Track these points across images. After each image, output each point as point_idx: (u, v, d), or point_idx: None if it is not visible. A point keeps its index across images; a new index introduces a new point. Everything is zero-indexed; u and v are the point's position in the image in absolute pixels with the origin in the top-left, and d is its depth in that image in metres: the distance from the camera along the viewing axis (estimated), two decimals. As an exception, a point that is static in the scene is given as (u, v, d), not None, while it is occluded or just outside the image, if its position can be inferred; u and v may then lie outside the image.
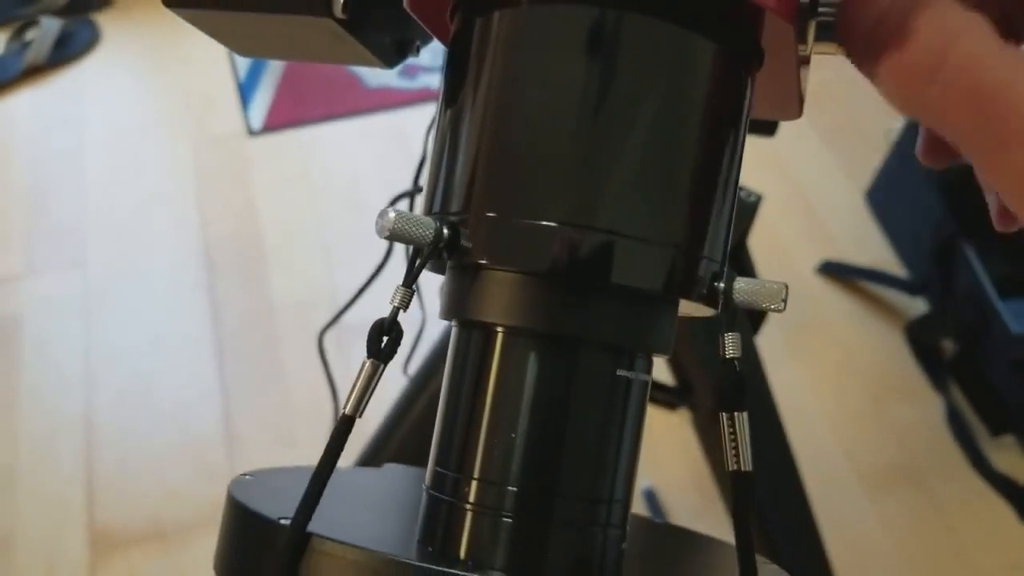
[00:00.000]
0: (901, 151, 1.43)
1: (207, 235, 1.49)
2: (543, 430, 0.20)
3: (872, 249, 1.47)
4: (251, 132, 1.65)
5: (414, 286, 0.21)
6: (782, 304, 0.21)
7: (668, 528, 0.29)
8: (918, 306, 1.38)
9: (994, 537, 1.17)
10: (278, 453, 1.22)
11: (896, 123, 1.49)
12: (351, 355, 1.21)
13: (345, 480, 0.26)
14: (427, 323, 0.90)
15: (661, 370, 0.80)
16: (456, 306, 0.22)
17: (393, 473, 0.30)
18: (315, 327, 0.91)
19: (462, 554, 0.21)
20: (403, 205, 0.74)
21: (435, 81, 1.71)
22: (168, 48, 1.80)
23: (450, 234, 0.20)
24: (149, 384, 1.31)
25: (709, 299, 0.21)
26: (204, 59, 1.78)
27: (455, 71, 0.22)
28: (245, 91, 1.72)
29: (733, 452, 0.21)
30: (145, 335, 1.37)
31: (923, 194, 1.35)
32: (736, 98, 0.21)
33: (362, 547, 0.19)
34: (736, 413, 0.21)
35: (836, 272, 1.41)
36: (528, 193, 0.20)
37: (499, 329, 0.21)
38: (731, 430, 0.21)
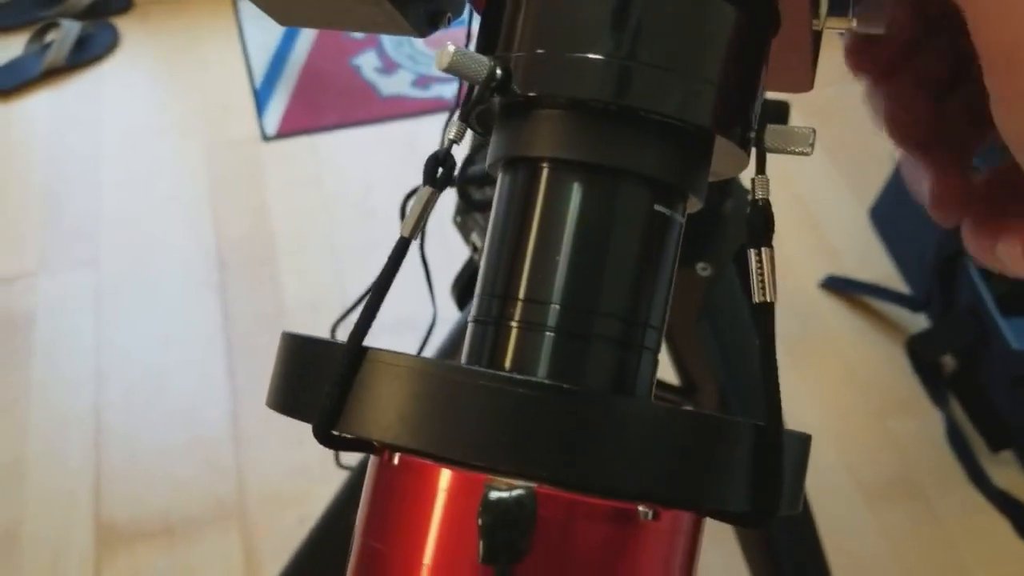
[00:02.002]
0: (906, 169, 1.44)
1: (219, 237, 1.51)
2: (585, 253, 0.22)
3: (875, 265, 1.48)
4: (265, 137, 1.67)
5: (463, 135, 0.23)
6: (810, 148, 0.23)
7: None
8: (920, 322, 1.39)
9: (993, 552, 1.18)
10: (286, 452, 1.24)
11: (902, 142, 1.51)
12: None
13: None
14: (437, 324, 0.92)
15: (667, 371, 0.81)
16: (505, 145, 0.23)
17: None
18: (324, 329, 0.92)
19: (507, 366, 0.22)
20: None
21: (447, 91, 1.73)
22: (186, 53, 1.83)
23: (503, 72, 0.22)
24: (158, 382, 1.32)
25: (743, 141, 0.23)
26: (221, 64, 1.80)
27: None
28: (261, 97, 1.75)
29: (760, 285, 0.22)
30: (155, 334, 1.38)
31: (926, 211, 1.36)
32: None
33: (416, 356, 0.20)
34: (764, 248, 0.22)
35: (839, 287, 1.43)
36: (575, 30, 0.21)
37: (544, 163, 0.22)
38: (759, 264, 0.22)
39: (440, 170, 0.23)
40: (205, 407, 1.29)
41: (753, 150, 0.24)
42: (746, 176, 0.24)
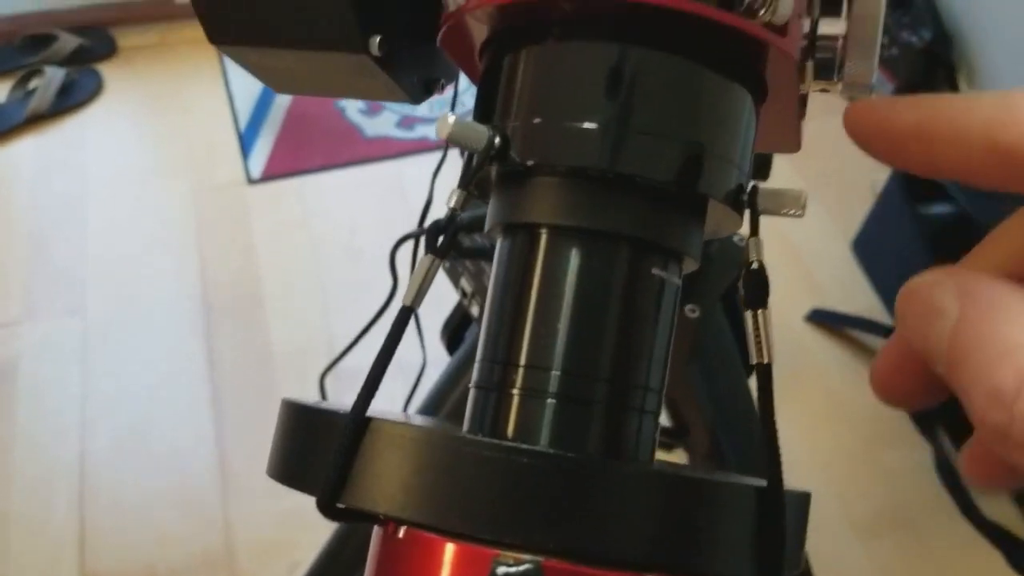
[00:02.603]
0: (886, 201, 1.46)
1: (206, 281, 1.51)
2: (585, 319, 0.22)
3: (859, 298, 1.50)
4: (251, 180, 1.68)
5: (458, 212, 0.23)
6: (801, 210, 0.23)
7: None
8: None
9: (985, 584, 1.18)
10: (273, 499, 1.22)
11: (881, 174, 1.53)
12: (349, 400, 1.21)
13: None
14: (427, 367, 0.92)
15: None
16: (504, 211, 0.24)
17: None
18: (312, 374, 0.92)
19: (510, 434, 0.22)
20: (408, 247, 0.76)
21: (432, 132, 1.74)
22: (170, 97, 1.83)
23: (501, 141, 0.22)
24: (144, 430, 1.31)
25: (736, 203, 0.23)
26: (206, 108, 1.81)
27: (485, 92, 0.24)
28: (246, 140, 1.75)
29: (758, 346, 0.23)
30: (141, 381, 1.37)
31: (908, 244, 1.38)
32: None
33: (420, 426, 0.20)
34: (760, 310, 0.23)
35: (825, 320, 1.43)
36: (571, 99, 0.22)
37: (543, 229, 0.23)
38: (756, 326, 0.23)
39: (441, 238, 0.23)
40: (191, 455, 1.28)
41: (747, 211, 0.24)
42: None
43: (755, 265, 0.23)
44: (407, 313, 0.23)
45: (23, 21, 1.91)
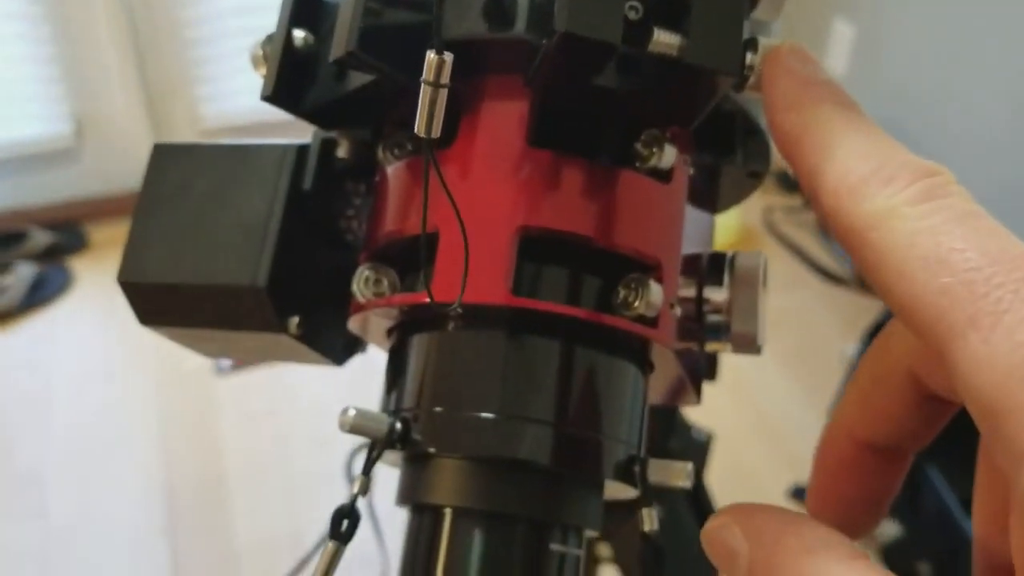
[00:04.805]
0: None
1: (170, 478, 1.48)
2: None
3: (838, 470, 1.48)
4: (219, 370, 1.67)
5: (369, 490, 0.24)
6: (688, 480, 0.24)
7: None
8: (892, 527, 1.37)
9: None
10: None
11: (849, 344, 1.55)
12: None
13: None
14: (389, 563, 0.89)
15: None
16: (409, 492, 0.25)
17: None
18: (278, 572, 0.89)
19: None
20: (363, 455, 0.75)
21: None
22: (140, 291, 1.85)
23: (402, 428, 0.24)
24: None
25: (626, 476, 0.24)
26: (175, 300, 1.82)
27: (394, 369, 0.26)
28: (214, 331, 1.76)
29: None
30: (102, 585, 1.32)
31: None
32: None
33: None
34: None
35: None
36: (467, 391, 0.23)
37: (447, 510, 0.24)
38: None
39: (345, 523, 0.24)
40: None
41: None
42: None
43: (650, 535, 0.24)
44: None
45: (-5, 219, 1.95)
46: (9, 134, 1.93)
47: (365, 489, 0.24)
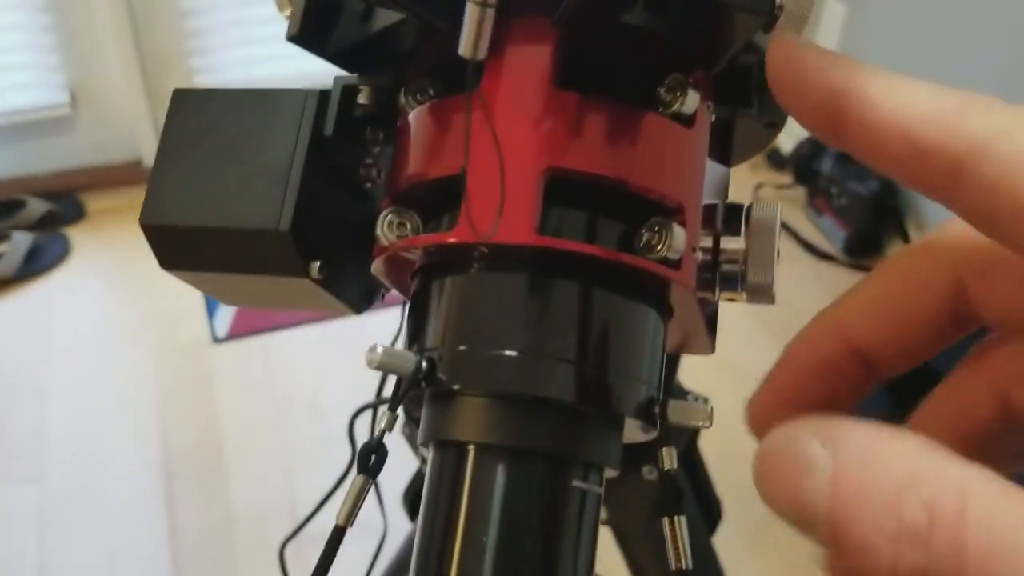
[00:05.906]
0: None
1: (167, 445, 1.48)
2: (511, 532, 0.23)
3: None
4: (216, 339, 1.67)
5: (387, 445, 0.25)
6: (709, 421, 0.25)
7: None
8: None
9: None
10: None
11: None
12: (311, 567, 1.18)
13: None
14: (388, 533, 0.89)
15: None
16: (434, 429, 0.25)
17: None
18: (274, 539, 0.90)
19: None
20: (366, 416, 0.75)
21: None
22: (137, 260, 1.84)
23: (428, 366, 0.24)
24: (101, 603, 1.26)
25: (647, 416, 0.25)
26: (171, 271, 1.82)
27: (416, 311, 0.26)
28: (212, 300, 1.76)
29: (675, 553, 0.24)
30: (101, 551, 1.33)
31: (871, 401, 1.39)
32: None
33: None
34: (676, 516, 0.24)
35: None
36: (492, 328, 0.24)
37: (470, 446, 0.24)
38: (672, 533, 0.24)
39: (373, 458, 0.24)
40: (149, 630, 1.22)
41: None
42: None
43: (669, 472, 0.25)
44: (340, 533, 0.23)
45: (-8, 187, 1.94)
46: (5, 103, 1.92)
47: (391, 425, 0.25)
